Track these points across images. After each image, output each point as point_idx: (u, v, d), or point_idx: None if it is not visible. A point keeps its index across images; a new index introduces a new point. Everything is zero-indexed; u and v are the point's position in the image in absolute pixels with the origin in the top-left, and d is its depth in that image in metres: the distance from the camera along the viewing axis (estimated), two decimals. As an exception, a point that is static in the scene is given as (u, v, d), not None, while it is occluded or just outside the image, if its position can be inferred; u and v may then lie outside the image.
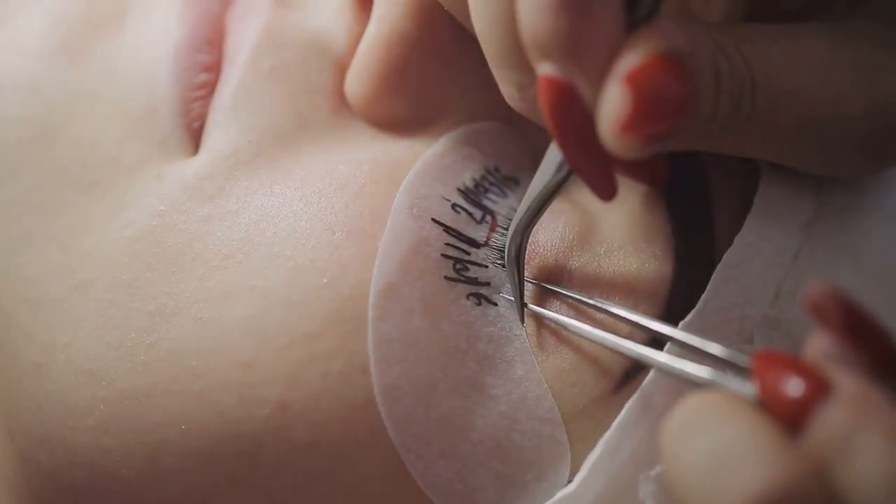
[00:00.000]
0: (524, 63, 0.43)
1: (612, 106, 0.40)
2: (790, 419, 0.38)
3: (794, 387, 0.38)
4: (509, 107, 0.48)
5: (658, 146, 0.41)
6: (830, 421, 0.37)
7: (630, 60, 0.41)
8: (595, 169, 0.43)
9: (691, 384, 0.43)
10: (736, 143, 0.46)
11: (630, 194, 0.52)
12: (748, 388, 0.40)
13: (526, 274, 0.51)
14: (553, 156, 0.46)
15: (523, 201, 0.49)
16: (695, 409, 0.39)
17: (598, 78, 0.41)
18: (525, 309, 0.51)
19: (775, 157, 0.48)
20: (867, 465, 0.36)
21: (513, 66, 0.45)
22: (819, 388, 0.37)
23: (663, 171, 0.51)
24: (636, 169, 0.51)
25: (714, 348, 0.44)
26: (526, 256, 0.51)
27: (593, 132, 0.41)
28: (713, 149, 0.47)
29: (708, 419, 0.39)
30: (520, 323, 0.51)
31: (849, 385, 0.37)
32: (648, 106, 0.40)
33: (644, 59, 0.41)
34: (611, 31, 0.41)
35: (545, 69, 0.41)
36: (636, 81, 0.40)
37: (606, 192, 0.44)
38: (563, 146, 0.43)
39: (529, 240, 0.51)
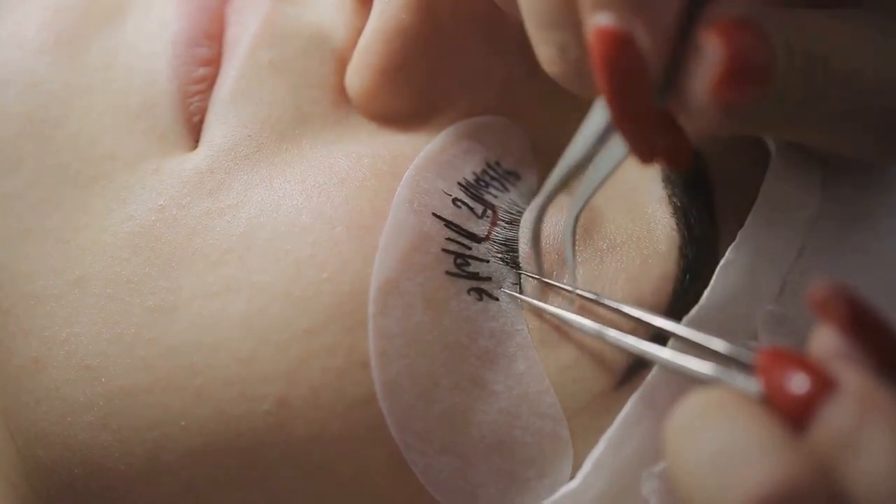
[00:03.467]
0: (570, 21, 0.42)
1: (706, 60, 0.39)
2: (795, 416, 0.37)
3: (798, 384, 0.38)
4: (511, 100, 0.48)
5: (737, 121, 0.40)
6: (836, 418, 0.37)
7: (719, 16, 0.39)
8: (641, 129, 0.42)
9: (695, 381, 0.43)
10: (804, 124, 0.45)
11: (632, 191, 0.52)
12: (752, 385, 0.40)
13: (528, 269, 0.51)
14: (596, 120, 0.45)
15: (557, 169, 0.48)
16: (699, 406, 0.39)
17: (662, 31, 0.40)
18: (527, 305, 0.50)
19: (839, 142, 0.47)
20: (873, 462, 0.35)
21: (557, 25, 0.43)
22: (824, 385, 0.37)
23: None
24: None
25: (718, 344, 0.44)
26: (528, 251, 0.51)
27: (647, 88, 0.40)
28: (780, 133, 0.46)
29: (712, 416, 0.38)
30: (521, 318, 0.50)
31: (854, 382, 0.37)
32: (739, 65, 0.39)
33: (732, 19, 0.39)
34: None
35: (602, 20, 0.40)
36: (729, 37, 0.39)
37: (647, 154, 0.43)
38: (613, 101, 0.41)
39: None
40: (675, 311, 0.49)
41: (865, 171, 0.53)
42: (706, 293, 0.49)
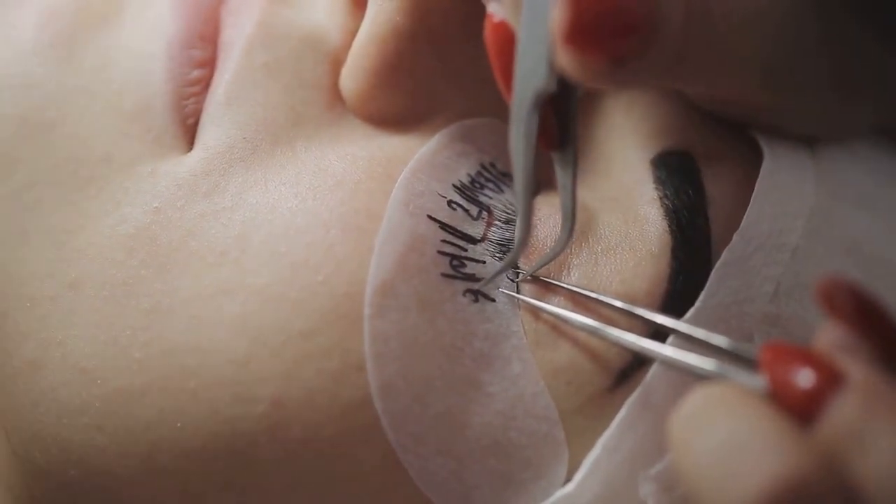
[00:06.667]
0: None
1: (557, 10, 0.40)
2: (801, 411, 0.38)
3: (804, 378, 0.38)
4: (504, 102, 0.48)
5: (628, 75, 0.41)
6: (842, 412, 0.37)
7: None
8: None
9: (695, 378, 0.43)
10: (710, 71, 0.45)
11: (625, 192, 0.52)
12: (756, 381, 0.40)
13: (525, 269, 0.51)
14: None
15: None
16: (705, 400, 0.39)
17: None
18: (523, 305, 0.51)
19: (751, 92, 0.48)
20: (881, 456, 0.36)
21: None
22: (830, 378, 0.37)
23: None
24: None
25: (720, 340, 0.44)
26: (526, 252, 0.51)
27: None
28: (690, 82, 0.46)
29: (718, 410, 0.38)
30: (517, 320, 0.50)
31: (860, 375, 0.37)
32: (592, 16, 0.40)
33: None
34: None
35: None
36: None
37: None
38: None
39: (530, 235, 0.51)
40: (670, 313, 0.49)
41: (860, 167, 0.53)
42: (701, 295, 0.49)
